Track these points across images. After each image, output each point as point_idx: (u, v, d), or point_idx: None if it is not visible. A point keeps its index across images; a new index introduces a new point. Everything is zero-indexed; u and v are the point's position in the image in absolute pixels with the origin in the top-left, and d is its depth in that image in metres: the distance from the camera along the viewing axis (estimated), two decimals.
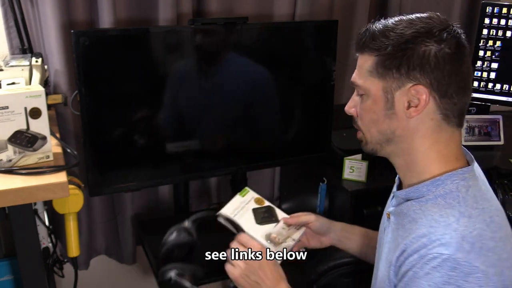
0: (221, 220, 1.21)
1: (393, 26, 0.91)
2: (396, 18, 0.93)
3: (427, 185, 0.92)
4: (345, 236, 1.27)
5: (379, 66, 0.92)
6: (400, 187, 1.03)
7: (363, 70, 0.95)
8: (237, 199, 1.27)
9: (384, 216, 1.08)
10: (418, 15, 0.93)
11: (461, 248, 0.82)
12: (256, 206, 1.26)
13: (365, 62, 0.95)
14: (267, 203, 1.28)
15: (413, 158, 0.94)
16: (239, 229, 1.17)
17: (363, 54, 0.95)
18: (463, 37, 0.91)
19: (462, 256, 0.81)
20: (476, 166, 0.97)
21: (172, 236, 1.16)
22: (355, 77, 0.98)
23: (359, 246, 1.26)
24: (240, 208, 1.25)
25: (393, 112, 0.93)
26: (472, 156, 0.98)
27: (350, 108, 1.01)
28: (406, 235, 0.90)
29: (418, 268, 0.85)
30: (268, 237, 1.19)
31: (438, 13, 0.93)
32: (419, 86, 0.89)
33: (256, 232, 1.19)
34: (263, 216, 1.24)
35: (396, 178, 1.06)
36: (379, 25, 0.93)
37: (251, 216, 1.23)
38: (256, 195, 1.29)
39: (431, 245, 0.84)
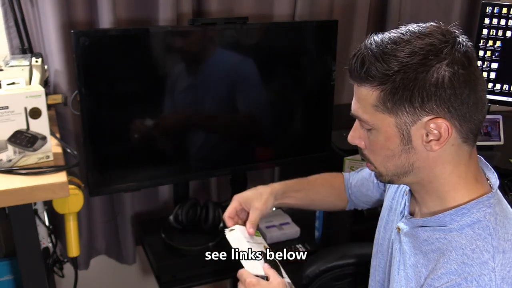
0: (227, 235, 1.11)
1: (392, 49, 0.80)
2: (392, 35, 0.83)
3: (450, 214, 0.86)
4: (281, 203, 1.23)
5: (387, 100, 0.82)
6: (412, 196, 0.98)
7: (366, 104, 0.85)
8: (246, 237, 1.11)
9: (391, 229, 1.02)
10: (414, 29, 0.83)
11: None
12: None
13: (367, 95, 0.84)
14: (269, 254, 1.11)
15: (433, 185, 0.88)
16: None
17: (363, 85, 0.85)
18: (469, 44, 0.82)
19: None
20: (497, 184, 0.90)
21: None
22: (358, 110, 0.88)
23: (298, 202, 1.25)
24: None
25: (411, 146, 0.84)
26: (490, 167, 0.93)
27: (355, 139, 0.92)
28: (432, 267, 0.85)
29: None
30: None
31: (435, 22, 0.84)
32: (438, 119, 0.80)
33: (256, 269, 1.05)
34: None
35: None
36: (373, 48, 0.82)
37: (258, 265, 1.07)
38: (264, 242, 1.15)
39: (468, 286, 0.79)
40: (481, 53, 1.78)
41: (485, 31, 1.76)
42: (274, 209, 2.00)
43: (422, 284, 0.85)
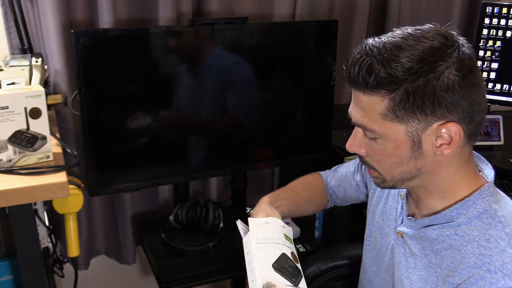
0: (239, 225, 1.07)
1: (397, 55, 0.78)
2: (393, 40, 0.80)
3: (456, 208, 0.86)
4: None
5: (397, 109, 0.80)
6: (408, 201, 0.98)
7: (373, 113, 0.82)
8: (276, 229, 1.05)
9: (388, 234, 1.02)
10: (414, 32, 0.81)
11: None
12: (288, 257, 1.01)
13: (374, 104, 0.81)
14: (299, 266, 1.02)
15: (436, 186, 0.88)
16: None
17: (368, 94, 0.81)
18: (470, 46, 0.83)
19: None
20: (491, 174, 0.91)
21: None
22: (362, 119, 0.85)
23: (286, 209, 1.19)
24: (272, 240, 1.02)
25: (420, 152, 0.83)
26: (483, 158, 0.93)
27: (355, 147, 0.90)
28: (449, 264, 0.85)
29: None
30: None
31: (432, 24, 0.84)
32: (449, 123, 0.80)
33: (262, 272, 0.95)
34: (287, 268, 0.98)
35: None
36: (377, 55, 0.79)
37: (273, 257, 0.98)
38: (294, 250, 1.05)
39: (493, 278, 0.77)
40: (481, 53, 1.78)
41: (485, 31, 1.76)
42: None
43: (442, 284, 0.85)
